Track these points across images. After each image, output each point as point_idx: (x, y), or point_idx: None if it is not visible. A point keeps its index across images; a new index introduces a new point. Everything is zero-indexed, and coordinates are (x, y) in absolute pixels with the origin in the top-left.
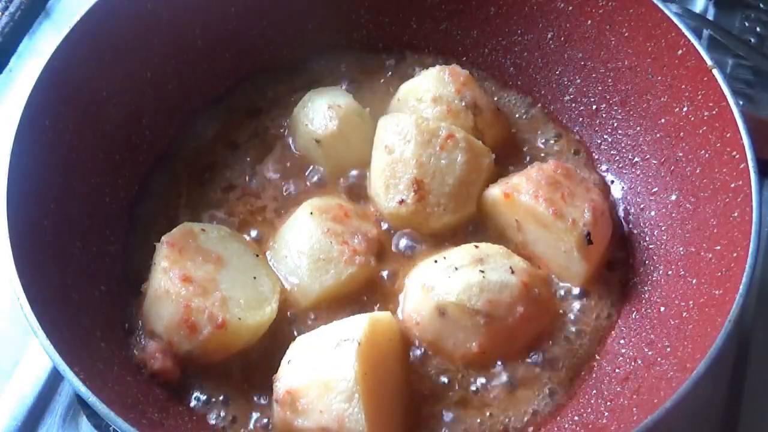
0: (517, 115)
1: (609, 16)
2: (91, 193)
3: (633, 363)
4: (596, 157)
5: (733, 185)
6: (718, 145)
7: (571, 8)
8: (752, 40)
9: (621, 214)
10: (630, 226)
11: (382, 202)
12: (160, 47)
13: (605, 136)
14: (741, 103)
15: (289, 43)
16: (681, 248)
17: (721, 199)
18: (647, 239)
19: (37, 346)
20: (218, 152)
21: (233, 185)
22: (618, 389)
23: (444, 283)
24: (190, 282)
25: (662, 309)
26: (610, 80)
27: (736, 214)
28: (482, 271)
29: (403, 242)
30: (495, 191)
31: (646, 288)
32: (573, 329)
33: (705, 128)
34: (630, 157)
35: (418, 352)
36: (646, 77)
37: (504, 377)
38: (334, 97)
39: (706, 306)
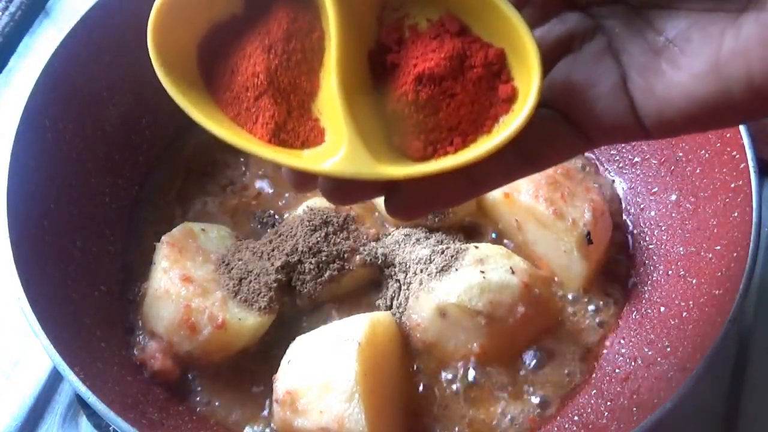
0: None
1: None
2: (91, 193)
3: (633, 363)
4: (596, 157)
5: (733, 185)
6: (718, 145)
7: None
8: None
9: (621, 214)
10: (630, 226)
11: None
12: None
13: None
14: None
15: None
16: (681, 248)
17: (721, 199)
18: (647, 239)
19: (37, 346)
20: (218, 152)
21: (233, 185)
22: (618, 389)
23: (444, 284)
24: (190, 282)
25: (662, 309)
26: None
27: (736, 214)
28: (482, 272)
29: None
30: (495, 191)
31: (646, 288)
32: (573, 329)
33: None
34: (630, 157)
35: (418, 354)
36: None
37: (504, 378)
38: None
39: (706, 306)
